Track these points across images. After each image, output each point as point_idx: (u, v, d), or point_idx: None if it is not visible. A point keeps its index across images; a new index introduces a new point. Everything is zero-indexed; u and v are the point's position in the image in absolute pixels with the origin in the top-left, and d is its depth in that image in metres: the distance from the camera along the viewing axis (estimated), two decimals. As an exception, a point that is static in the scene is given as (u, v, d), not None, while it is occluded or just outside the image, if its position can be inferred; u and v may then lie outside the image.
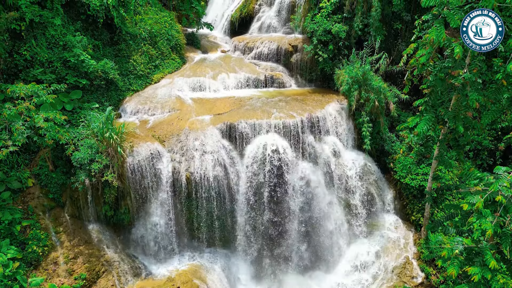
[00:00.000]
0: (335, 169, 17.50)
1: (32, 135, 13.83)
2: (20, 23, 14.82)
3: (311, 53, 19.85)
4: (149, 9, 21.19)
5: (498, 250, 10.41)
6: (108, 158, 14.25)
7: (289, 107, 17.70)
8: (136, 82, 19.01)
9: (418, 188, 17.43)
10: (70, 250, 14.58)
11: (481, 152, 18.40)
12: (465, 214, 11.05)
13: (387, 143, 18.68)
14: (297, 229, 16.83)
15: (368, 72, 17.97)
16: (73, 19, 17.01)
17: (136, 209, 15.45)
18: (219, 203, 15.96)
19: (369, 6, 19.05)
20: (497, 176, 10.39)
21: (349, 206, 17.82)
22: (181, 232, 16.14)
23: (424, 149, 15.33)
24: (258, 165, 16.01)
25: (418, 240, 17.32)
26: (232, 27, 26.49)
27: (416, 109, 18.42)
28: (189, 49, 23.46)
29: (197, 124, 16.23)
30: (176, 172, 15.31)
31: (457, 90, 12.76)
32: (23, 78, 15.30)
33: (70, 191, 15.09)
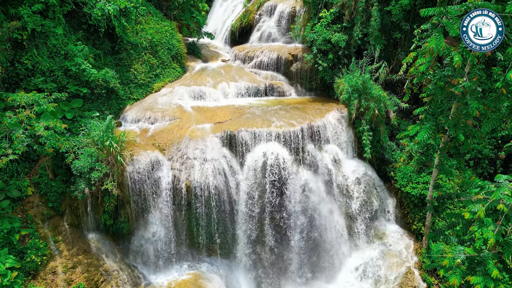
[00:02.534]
0: (336, 177, 17.45)
1: (32, 144, 13.83)
2: (22, 33, 14.93)
3: (311, 62, 19.96)
4: (150, 18, 21.37)
5: (500, 259, 10.32)
6: (108, 166, 14.22)
7: (289, 115, 17.72)
8: (136, 91, 19.09)
9: (419, 197, 17.36)
10: (69, 260, 14.47)
11: (482, 160, 18.36)
12: (467, 223, 10.98)
13: (388, 152, 18.66)
14: (298, 238, 16.71)
15: (368, 81, 18.03)
16: (75, 28, 17.15)
17: (135, 218, 15.37)
18: (219, 212, 15.88)
19: (368, 16, 19.20)
20: (498, 184, 10.36)
21: (350, 215, 17.73)
22: (180, 241, 16.04)
23: (424, 157, 15.31)
24: (258, 173, 15.97)
25: (419, 249, 17.18)
26: (233, 37, 26.69)
27: (416, 118, 18.47)
28: (189, 58, 23.62)
29: (197, 133, 16.24)
30: (176, 181, 15.27)
31: (457, 99, 12.78)
32: (24, 87, 15.36)
33: (69, 200, 15.03)
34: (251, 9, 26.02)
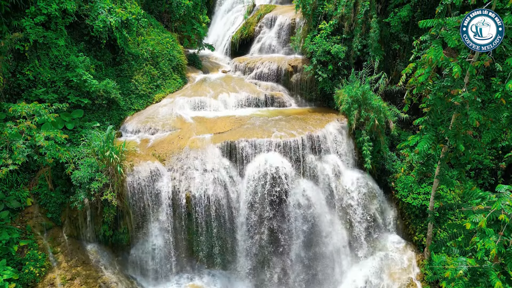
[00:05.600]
0: (336, 188, 17.39)
1: (32, 154, 13.83)
2: (24, 44, 15.06)
3: (311, 73, 20.08)
4: (151, 30, 21.58)
5: (503, 271, 10.20)
6: (108, 177, 14.19)
7: (290, 126, 17.75)
8: (137, 101, 19.16)
9: (420, 207, 17.27)
10: (67, 271, 14.33)
11: (483, 171, 18.32)
12: (468, 234, 10.89)
13: (388, 162, 18.63)
14: (298, 249, 16.57)
15: (368, 91, 18.11)
16: (77, 40, 17.31)
17: (135, 229, 15.27)
18: (219, 223, 15.79)
19: (368, 27, 19.39)
20: (499, 195, 10.29)
21: (350, 226, 17.61)
22: (180, 252, 15.91)
23: (425, 168, 15.26)
24: (259, 183, 15.92)
25: (421, 260, 17.02)
26: (233, 48, 26.90)
27: (416, 128, 18.48)
28: (190, 70, 23.77)
29: (198, 143, 16.25)
30: (176, 191, 15.21)
31: (457, 109, 12.81)
32: (26, 97, 15.42)
33: (69, 211, 14.96)
34: (251, 21, 26.30)
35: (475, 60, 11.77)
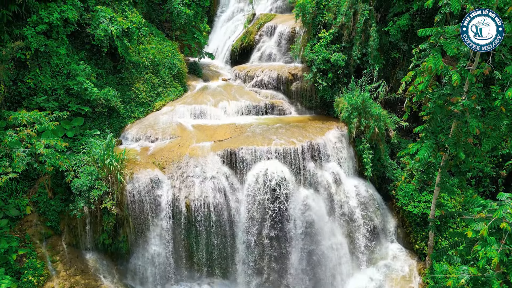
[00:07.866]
0: (336, 196, 17.33)
1: (32, 162, 13.82)
2: (26, 52, 15.16)
3: (310, 81, 20.16)
4: (152, 39, 21.72)
5: (505, 279, 10.12)
6: (108, 185, 14.16)
7: (290, 133, 17.76)
8: (138, 109, 19.21)
9: (421, 215, 17.19)
10: (66, 280, 14.22)
11: (483, 179, 18.27)
12: (470, 242, 10.83)
13: (388, 170, 18.60)
14: (298, 257, 16.45)
15: (367, 99, 18.15)
16: (78, 48, 17.41)
17: (134, 237, 15.19)
18: (219, 232, 15.70)
19: (367, 36, 19.51)
20: (500, 203, 10.26)
21: (351, 235, 17.51)
22: (179, 261, 15.79)
23: (425, 175, 15.23)
24: (259, 192, 15.87)
25: (423, 269, 16.89)
26: (233, 57, 27.05)
27: (416, 136, 18.48)
28: (191, 78, 23.87)
29: (198, 151, 16.24)
30: (176, 199, 15.16)
31: (457, 117, 12.83)
32: (26, 105, 15.46)
33: (68, 219, 14.89)
34: (251, 30, 26.47)
35: (474, 68, 11.82)
